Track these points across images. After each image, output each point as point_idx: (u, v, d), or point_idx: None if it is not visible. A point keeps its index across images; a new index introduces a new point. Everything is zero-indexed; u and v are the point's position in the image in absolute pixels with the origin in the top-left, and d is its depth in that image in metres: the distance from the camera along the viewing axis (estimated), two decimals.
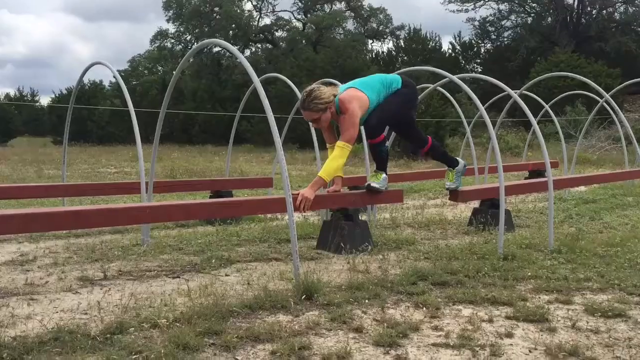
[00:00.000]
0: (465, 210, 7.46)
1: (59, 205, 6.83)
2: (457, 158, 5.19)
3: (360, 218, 5.06)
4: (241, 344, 2.71)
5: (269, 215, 6.72)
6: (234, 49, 4.34)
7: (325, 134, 4.62)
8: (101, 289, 3.67)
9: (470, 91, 5.15)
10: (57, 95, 36.12)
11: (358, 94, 4.39)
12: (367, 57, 36.26)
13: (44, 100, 46.63)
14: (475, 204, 6.50)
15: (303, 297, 3.33)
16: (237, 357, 2.58)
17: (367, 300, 3.37)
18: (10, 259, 4.52)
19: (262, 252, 4.85)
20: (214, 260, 4.42)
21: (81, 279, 3.92)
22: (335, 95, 4.36)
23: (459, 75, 5.94)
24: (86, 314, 3.15)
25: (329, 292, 3.48)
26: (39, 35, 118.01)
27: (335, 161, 4.30)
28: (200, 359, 2.52)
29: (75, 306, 3.28)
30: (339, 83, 4.93)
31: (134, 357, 2.52)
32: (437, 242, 5.20)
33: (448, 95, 8.83)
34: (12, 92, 54.94)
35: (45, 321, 2.96)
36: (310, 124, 4.58)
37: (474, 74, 24.71)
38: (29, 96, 43.67)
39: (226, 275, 4.11)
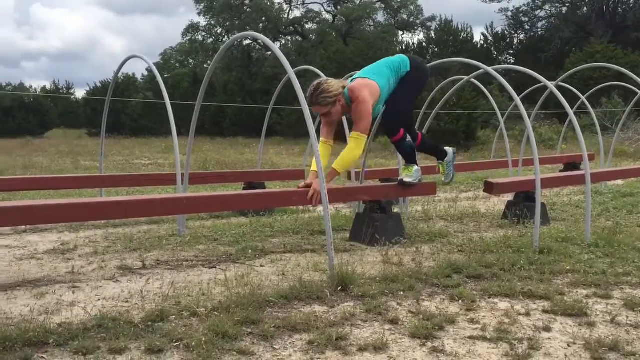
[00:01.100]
0: (498, 203, 7.39)
1: (97, 196, 6.98)
2: (445, 148, 5.03)
3: (392, 210, 5.06)
4: (278, 334, 2.75)
5: (300, 207, 6.76)
6: (270, 42, 4.37)
7: (323, 128, 4.43)
8: (140, 278, 3.76)
9: (506, 83, 5.09)
10: (92, 88, 36.75)
11: (368, 82, 4.30)
12: (398, 48, 35.98)
13: (79, 93, 47.56)
14: (509, 196, 6.43)
15: (339, 288, 3.35)
16: (275, 347, 2.63)
17: (402, 293, 3.38)
18: (52, 247, 4.65)
19: (295, 244, 4.88)
20: (250, 251, 4.48)
21: (121, 267, 4.01)
22: (344, 87, 4.28)
23: (493, 66, 5.87)
24: (127, 301, 3.23)
25: (364, 284, 3.50)
26: (73, 29, 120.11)
27: (351, 152, 4.22)
28: (239, 347, 2.57)
29: (117, 294, 3.37)
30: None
31: (175, 344, 2.58)
32: (471, 235, 5.17)
33: (482, 87, 8.73)
34: (47, 85, 56.11)
35: (88, 308, 3.04)
36: (321, 117, 4.43)
37: (509, 65, 24.36)
38: (64, 89, 44.53)
39: (261, 266, 4.16)
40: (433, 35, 36.73)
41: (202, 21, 39.67)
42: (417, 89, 4.56)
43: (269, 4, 37.85)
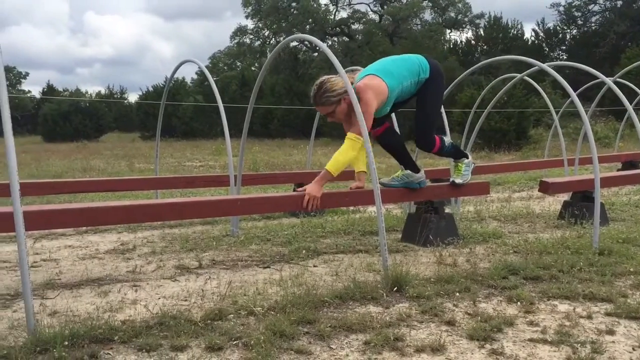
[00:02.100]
0: (553, 203, 7.21)
1: (152, 197, 7.17)
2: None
3: (445, 211, 5.01)
4: (334, 334, 2.77)
5: (351, 208, 6.76)
6: (321, 43, 4.39)
7: (346, 127, 4.22)
8: (197, 277, 3.84)
9: (563, 80, 4.97)
10: (144, 92, 37.71)
11: (375, 82, 4.00)
12: (445, 47, 35.57)
13: (132, 98, 48.93)
14: (565, 196, 6.27)
15: (394, 289, 3.35)
16: (331, 346, 2.64)
17: (457, 294, 3.34)
18: (112, 247, 4.80)
19: (347, 244, 4.90)
20: (304, 252, 4.52)
21: (178, 267, 4.11)
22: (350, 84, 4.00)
23: (547, 63, 5.74)
24: (186, 300, 3.30)
25: (418, 285, 3.48)
26: (124, 36, 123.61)
27: (344, 154, 3.91)
28: (296, 346, 2.60)
29: (176, 293, 3.45)
30: (361, 68, 4.41)
31: (234, 342, 2.63)
32: (526, 236, 5.07)
33: (535, 84, 8.54)
34: (102, 90, 57.93)
35: (150, 306, 3.13)
36: (327, 118, 4.20)
37: (563, 62, 23.73)
38: (118, 94, 45.82)
39: (314, 266, 4.19)
40: (482, 32, 36.12)
41: (250, 24, 40.18)
42: (440, 98, 4.32)
43: (315, 5, 38.03)
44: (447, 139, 4.46)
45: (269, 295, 3.37)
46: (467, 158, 4.60)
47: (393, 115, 4.89)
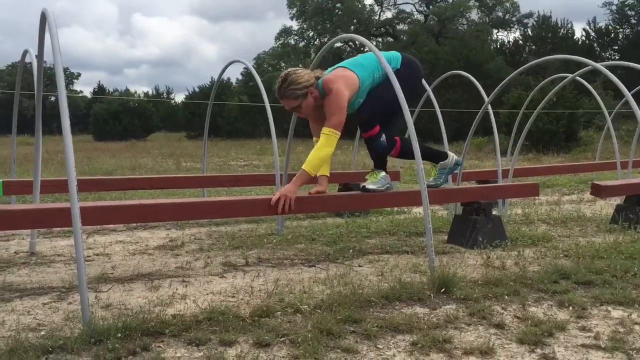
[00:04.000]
0: (605, 207, 7.00)
1: (199, 194, 7.29)
2: (449, 153, 4.47)
3: (492, 213, 4.93)
4: (381, 334, 2.76)
5: (395, 208, 6.73)
6: (370, 44, 4.38)
7: (312, 125, 4.03)
8: (244, 274, 3.89)
9: (617, 80, 4.83)
10: (190, 92, 38.39)
11: (345, 73, 3.82)
12: (492, 47, 35.01)
13: (178, 98, 49.90)
14: (618, 200, 6.09)
15: (441, 290, 3.31)
16: (378, 346, 2.64)
17: (506, 297, 3.28)
18: (161, 243, 4.91)
19: (392, 245, 4.87)
20: (351, 251, 4.52)
21: (225, 264, 4.17)
22: (318, 78, 3.83)
23: (601, 63, 5.58)
24: (234, 296, 3.35)
25: (465, 287, 3.44)
26: (170, 37, 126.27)
27: (320, 151, 3.67)
28: (343, 345, 2.60)
29: (224, 289, 3.51)
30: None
31: (281, 339, 2.65)
32: (577, 240, 4.94)
33: (587, 85, 8.32)
34: (149, 90, 59.25)
35: (199, 302, 3.19)
36: (294, 113, 4.00)
37: (617, 62, 23.02)
38: (165, 94, 46.74)
39: (359, 266, 4.18)
40: (530, 32, 35.40)
41: (295, 25, 40.42)
42: (406, 89, 3.88)
43: (360, 6, 38.00)
44: (384, 140, 4.05)
45: (315, 293, 3.38)
46: (386, 173, 4.23)
47: None
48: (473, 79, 6.63)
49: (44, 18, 3.48)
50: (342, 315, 2.91)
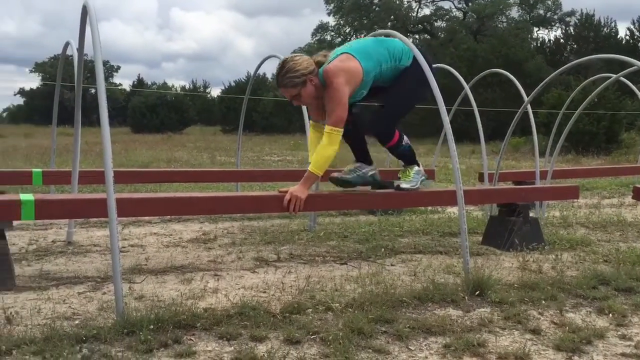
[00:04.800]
0: None
1: (232, 189, 7.33)
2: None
3: (530, 215, 4.83)
4: (413, 335, 2.72)
5: (429, 208, 6.65)
6: (407, 40, 4.32)
7: (311, 112, 3.90)
8: (276, 270, 3.89)
9: None
10: (226, 87, 38.72)
11: (349, 64, 3.55)
12: (532, 45, 34.35)
13: (214, 92, 50.42)
14: None
15: (476, 293, 3.25)
16: (410, 347, 2.60)
17: (543, 302, 3.20)
18: (194, 237, 4.95)
19: (425, 245, 4.81)
20: (383, 250, 4.48)
21: (257, 259, 4.18)
22: (319, 64, 3.59)
23: None
24: (265, 292, 3.35)
25: (500, 290, 3.36)
26: (207, 31, 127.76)
27: (324, 150, 3.52)
28: (374, 345, 2.57)
29: (255, 284, 3.51)
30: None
31: (312, 336, 2.63)
32: (618, 245, 4.80)
33: (632, 86, 8.07)
34: (186, 84, 60.03)
35: (230, 296, 3.20)
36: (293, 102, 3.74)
37: None
38: (201, 88, 47.24)
39: (392, 265, 4.14)
40: (572, 31, 34.61)
41: (331, 21, 40.37)
42: (419, 92, 3.77)
43: (397, 2, 37.72)
44: (406, 138, 3.93)
45: (346, 292, 3.36)
46: (418, 166, 4.05)
47: None
48: (512, 77, 6.50)
49: (85, 11, 3.53)
50: (373, 314, 2.88)
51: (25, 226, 5.11)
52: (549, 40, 35.81)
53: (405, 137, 3.90)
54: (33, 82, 57.99)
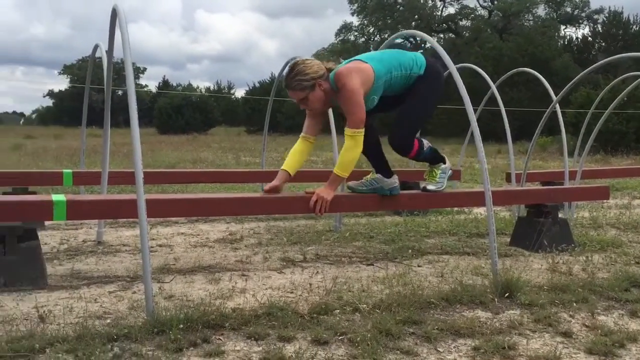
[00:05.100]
0: None
1: (257, 189, 7.36)
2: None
3: (559, 216, 4.76)
4: (441, 336, 2.70)
5: (455, 208, 6.59)
6: (432, 40, 4.30)
7: (307, 120, 3.71)
8: (302, 270, 3.89)
9: None
10: (250, 88, 38.93)
11: (360, 66, 3.50)
12: (559, 43, 33.86)
13: (238, 93, 50.74)
14: None
15: (505, 294, 3.21)
16: (438, 349, 2.58)
17: (574, 304, 3.15)
18: (221, 237, 4.98)
19: (452, 245, 4.77)
20: (410, 251, 4.46)
21: (283, 259, 4.19)
22: (329, 70, 3.52)
23: None
24: (292, 292, 3.36)
25: (530, 292, 3.32)
26: (231, 33, 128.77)
27: (350, 152, 3.47)
28: (402, 346, 2.56)
29: (282, 285, 3.52)
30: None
31: (339, 337, 2.63)
32: None
33: None
34: (210, 85, 60.52)
35: (258, 296, 3.21)
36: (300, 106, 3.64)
37: None
38: (225, 89, 47.54)
39: (418, 266, 4.12)
40: (600, 28, 34.03)
41: (355, 21, 40.30)
42: (431, 101, 3.72)
43: (422, 2, 37.52)
44: (426, 142, 3.88)
45: (374, 292, 3.35)
46: (444, 163, 3.98)
47: None
48: (540, 77, 6.41)
49: (114, 14, 3.58)
50: (401, 316, 2.87)
51: (56, 226, 5.20)
52: (577, 38, 35.30)
53: (424, 142, 3.84)
54: (62, 84, 59.15)
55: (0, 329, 2.61)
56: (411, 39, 37.43)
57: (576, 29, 38.71)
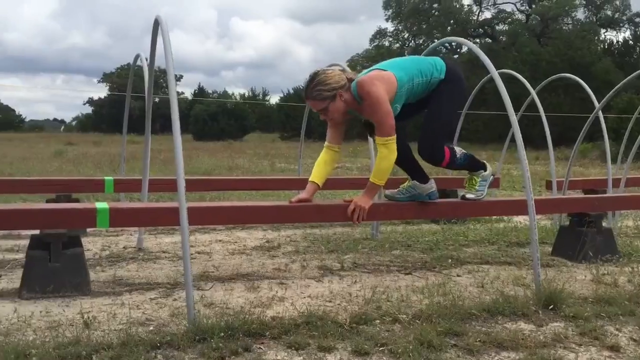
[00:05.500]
0: None
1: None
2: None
3: (603, 225, 4.64)
4: (484, 349, 2.65)
5: (494, 217, 6.49)
6: (474, 46, 4.26)
7: (329, 130, 3.64)
8: (340, 279, 3.88)
9: None
10: (285, 94, 39.16)
11: (382, 74, 3.42)
12: (599, 47, 33.16)
13: (273, 100, 51.12)
14: None
15: (550, 307, 3.14)
16: None
17: (620, 317, 3.07)
18: (258, 244, 5.01)
19: (492, 255, 4.70)
20: (450, 260, 4.41)
21: (321, 267, 4.19)
22: (350, 80, 3.44)
23: None
24: (331, 301, 3.35)
25: (574, 304, 3.25)
26: (265, 40, 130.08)
27: (385, 160, 3.40)
28: (444, 359, 2.53)
29: (320, 293, 3.51)
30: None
31: (380, 348, 2.61)
32: None
33: None
34: (245, 92, 61.11)
35: (297, 305, 3.21)
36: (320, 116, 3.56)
37: None
38: (260, 95, 47.94)
39: (458, 275, 4.06)
40: None
41: (390, 27, 40.20)
42: (455, 105, 3.67)
43: (457, 6, 37.19)
44: (459, 149, 3.79)
45: (413, 302, 3.32)
46: (485, 170, 3.87)
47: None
48: (583, 83, 6.28)
49: (156, 24, 3.64)
50: (442, 327, 2.83)
51: (97, 232, 5.30)
52: (617, 42, 34.50)
53: (457, 150, 3.75)
54: (101, 91, 60.52)
55: (47, 335, 2.67)
56: (446, 45, 37.17)
57: (617, 33, 37.86)
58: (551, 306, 3.16)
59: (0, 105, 65.81)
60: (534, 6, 37.23)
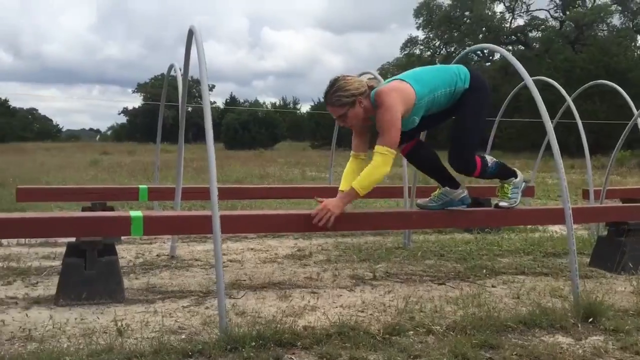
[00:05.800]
0: None
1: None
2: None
3: None
4: None
5: (529, 227, 6.37)
6: (507, 53, 4.20)
7: (354, 139, 3.61)
8: (372, 289, 3.84)
9: None
10: (315, 103, 39.29)
11: (400, 86, 3.38)
12: (635, 54, 32.44)
13: (303, 108, 51.34)
14: None
15: (589, 320, 3.05)
16: None
17: None
18: (290, 252, 5.00)
19: (527, 265, 4.60)
20: (484, 271, 4.34)
21: (353, 277, 4.16)
22: (371, 87, 3.42)
23: None
24: (363, 311, 3.31)
25: (614, 317, 3.15)
26: (296, 49, 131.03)
27: (375, 170, 3.28)
28: None
29: (352, 303, 3.48)
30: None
31: None
32: None
33: None
34: (276, 101, 61.53)
35: (329, 315, 3.19)
36: (337, 122, 3.55)
37: None
38: (291, 104, 48.22)
39: (492, 286, 3.99)
40: None
41: (421, 35, 40.02)
42: (482, 114, 3.59)
43: (490, 13, 36.83)
44: (490, 158, 3.75)
45: (447, 313, 3.26)
46: (516, 177, 3.83)
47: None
48: (620, 89, 6.14)
49: (191, 34, 3.68)
50: (477, 339, 2.77)
51: (131, 240, 5.36)
52: None
53: (488, 159, 3.71)
54: (135, 101, 61.70)
55: (81, 342, 2.70)
56: (479, 52, 36.83)
57: None
58: (590, 319, 3.07)
59: (39, 116, 67.63)
60: (568, 13, 36.65)
